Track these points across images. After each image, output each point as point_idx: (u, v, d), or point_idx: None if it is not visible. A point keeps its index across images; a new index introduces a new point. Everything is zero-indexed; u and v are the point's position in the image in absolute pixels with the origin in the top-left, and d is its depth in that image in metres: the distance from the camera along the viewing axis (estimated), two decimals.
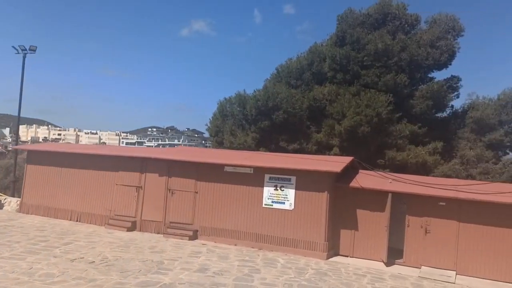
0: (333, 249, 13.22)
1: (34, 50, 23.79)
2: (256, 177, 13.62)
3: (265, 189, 13.49)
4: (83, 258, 10.40)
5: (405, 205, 13.03)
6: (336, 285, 9.92)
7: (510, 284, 11.51)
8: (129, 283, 8.68)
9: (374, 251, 12.94)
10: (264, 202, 13.48)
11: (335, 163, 13.29)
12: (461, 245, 12.16)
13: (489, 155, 24.96)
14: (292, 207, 13.18)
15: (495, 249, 11.79)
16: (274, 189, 13.40)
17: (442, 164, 24.45)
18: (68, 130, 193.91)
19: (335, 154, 23.58)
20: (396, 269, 12.26)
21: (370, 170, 14.39)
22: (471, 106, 26.57)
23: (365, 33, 25.33)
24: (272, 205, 13.39)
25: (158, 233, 14.30)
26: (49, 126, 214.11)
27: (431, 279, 11.51)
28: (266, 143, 26.09)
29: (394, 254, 12.98)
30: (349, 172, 13.91)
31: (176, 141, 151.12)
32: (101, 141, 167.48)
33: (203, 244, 13.27)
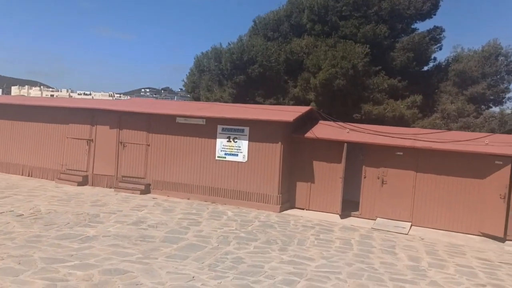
0: (288, 202, 12.75)
1: None
2: (209, 129, 12.96)
3: (218, 140, 12.86)
4: (12, 211, 9.87)
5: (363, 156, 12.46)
6: (276, 237, 9.47)
7: (463, 234, 11.09)
8: (48, 235, 8.18)
9: (331, 204, 12.47)
10: (217, 155, 12.88)
11: (290, 112, 12.59)
12: (418, 196, 11.68)
13: (470, 109, 24.20)
14: (246, 159, 12.59)
15: (451, 200, 11.33)
16: (227, 141, 12.78)
17: (421, 118, 23.76)
18: (61, 91, 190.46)
19: (321, 111, 22.84)
20: (350, 221, 11.83)
21: (330, 121, 13.70)
22: (455, 59, 25.58)
23: None
24: (225, 158, 12.81)
25: (111, 187, 13.79)
26: (42, 87, 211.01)
27: (383, 230, 11.08)
28: (243, 98, 25.26)
29: (352, 207, 12.54)
30: (308, 123, 13.24)
31: None
32: None
33: (153, 198, 12.78)
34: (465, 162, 11.18)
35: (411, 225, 11.63)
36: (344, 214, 12.22)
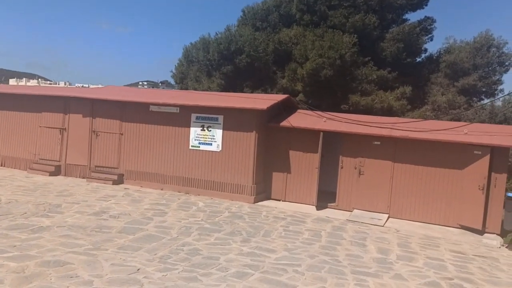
0: (264, 193, 12.37)
1: None
2: (183, 117, 12.56)
3: (192, 129, 12.47)
4: None
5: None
6: (242, 228, 9.10)
7: (441, 227, 10.74)
8: None
9: (307, 195, 12.11)
10: (191, 144, 12.49)
11: (265, 101, 12.18)
12: (395, 187, 11.32)
13: (461, 100, 23.76)
14: (220, 148, 12.20)
15: (429, 191, 10.98)
16: (201, 130, 12.38)
17: (411, 110, 23.34)
18: (59, 84, 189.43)
19: (300, 100, 22.46)
20: (326, 212, 11.47)
21: (308, 110, 13.31)
22: (447, 50, 25.12)
23: None
24: (199, 147, 12.41)
25: (83, 177, 13.40)
26: (39, 79, 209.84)
27: (358, 222, 10.73)
28: (231, 89, 24.83)
29: (329, 198, 12.16)
30: (286, 112, 12.84)
31: None
32: None
33: (125, 189, 12.40)
34: (444, 152, 10.80)
35: (388, 217, 11.28)
36: (320, 206, 11.85)
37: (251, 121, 11.83)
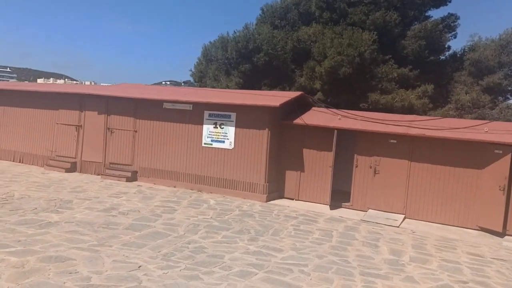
0: (277, 192, 12.19)
1: None
2: (196, 114, 12.48)
3: (205, 127, 12.38)
4: None
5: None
6: (252, 226, 8.94)
7: (459, 228, 10.34)
8: (7, 220, 7.85)
9: (320, 194, 11.87)
10: (203, 141, 12.40)
11: (278, 98, 12.00)
12: (412, 187, 10.96)
13: (486, 99, 23.04)
14: (232, 146, 12.07)
15: (447, 191, 10.58)
16: (214, 127, 12.28)
17: (433, 109, 22.76)
18: (85, 83, 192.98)
19: (319, 99, 22.21)
20: (340, 212, 11.20)
21: (323, 107, 13.05)
22: (471, 48, 24.40)
23: None
24: (211, 144, 12.32)
25: (98, 174, 13.47)
26: (66, 79, 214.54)
27: (373, 222, 10.43)
28: (249, 87, 24.71)
29: (344, 197, 11.89)
30: (300, 109, 12.60)
31: None
32: None
33: (138, 186, 12.40)
34: (463, 151, 10.40)
35: (404, 218, 10.94)
36: (334, 205, 11.59)
37: (264, 118, 11.66)
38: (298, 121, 11.89)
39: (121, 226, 8.10)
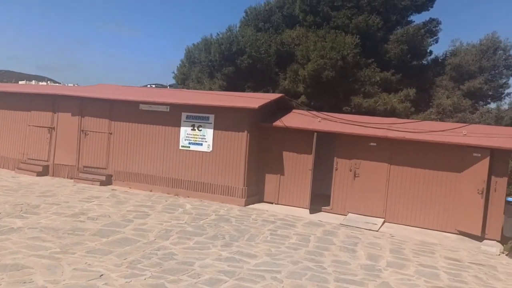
0: (256, 195, 11.94)
1: None
2: (173, 116, 12.17)
3: (182, 129, 12.07)
4: None
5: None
6: (227, 231, 8.65)
7: (439, 232, 10.21)
8: None
9: (301, 198, 11.66)
10: (181, 144, 12.10)
11: (257, 99, 11.76)
12: (391, 190, 10.81)
13: (467, 104, 23.14)
14: (210, 148, 11.79)
15: (426, 195, 10.46)
16: (192, 129, 11.98)
17: (415, 113, 22.76)
18: (67, 86, 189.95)
19: (302, 102, 22.04)
20: (319, 216, 10.99)
21: (304, 110, 12.85)
22: (453, 53, 24.55)
23: None
24: (189, 147, 12.01)
25: (71, 178, 13.05)
26: (49, 82, 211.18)
27: (352, 226, 10.23)
28: (232, 90, 24.47)
29: (324, 201, 11.68)
30: (280, 111, 12.38)
31: None
32: None
33: (112, 190, 12.02)
34: (442, 154, 10.29)
35: (384, 222, 10.77)
36: (314, 209, 11.38)
37: (243, 120, 11.41)
38: (277, 123, 11.67)
39: (88, 232, 7.74)
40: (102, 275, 5.71)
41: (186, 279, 5.90)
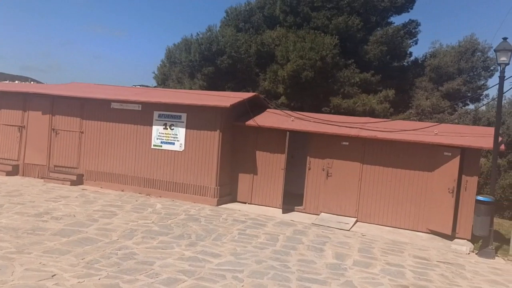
0: (229, 195, 11.80)
1: None
2: (145, 115, 11.98)
3: (154, 128, 11.89)
4: None
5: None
6: (194, 231, 8.50)
7: (410, 231, 10.20)
8: None
9: (274, 197, 11.56)
10: (153, 143, 11.91)
11: (230, 98, 11.64)
12: (364, 190, 10.77)
13: (445, 105, 23.35)
14: (183, 148, 11.63)
15: (398, 194, 10.46)
16: (164, 128, 11.80)
17: (394, 114, 22.87)
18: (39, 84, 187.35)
19: (282, 103, 21.97)
20: (292, 216, 10.89)
21: (278, 109, 12.77)
22: (432, 54, 24.80)
23: None
24: (161, 146, 11.83)
25: (42, 177, 12.75)
26: (32, 82, 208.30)
27: (324, 226, 10.16)
28: (213, 90, 24.33)
29: (298, 201, 11.59)
30: (254, 110, 12.27)
31: None
32: None
33: (82, 189, 11.77)
34: (413, 154, 10.29)
35: (356, 221, 10.73)
36: (286, 209, 11.28)
37: (215, 119, 11.27)
38: (250, 122, 11.56)
39: (48, 232, 7.52)
40: (54, 275, 5.52)
41: (143, 279, 5.74)
